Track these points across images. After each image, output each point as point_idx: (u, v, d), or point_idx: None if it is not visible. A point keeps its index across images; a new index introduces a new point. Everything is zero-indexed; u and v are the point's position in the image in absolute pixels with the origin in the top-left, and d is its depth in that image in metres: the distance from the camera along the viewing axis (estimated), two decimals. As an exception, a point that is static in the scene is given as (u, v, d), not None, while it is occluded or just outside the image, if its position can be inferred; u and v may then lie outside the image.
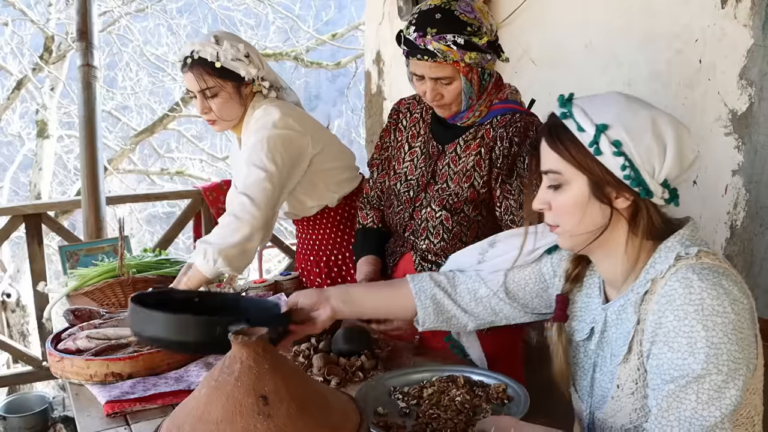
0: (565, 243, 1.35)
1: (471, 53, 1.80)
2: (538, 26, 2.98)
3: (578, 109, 1.26)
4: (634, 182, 1.22)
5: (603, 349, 1.37)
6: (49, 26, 9.51)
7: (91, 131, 3.87)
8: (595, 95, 1.31)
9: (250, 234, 2.12)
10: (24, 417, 3.68)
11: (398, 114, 2.16)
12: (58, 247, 3.01)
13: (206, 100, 2.26)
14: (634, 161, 1.21)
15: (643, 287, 1.26)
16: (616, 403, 1.32)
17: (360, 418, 1.28)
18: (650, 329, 1.22)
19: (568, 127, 1.26)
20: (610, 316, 1.35)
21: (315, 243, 2.52)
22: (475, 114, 1.93)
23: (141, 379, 1.82)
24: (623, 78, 2.56)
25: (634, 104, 1.26)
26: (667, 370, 1.18)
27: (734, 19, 2.12)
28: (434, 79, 1.85)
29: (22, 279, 7.96)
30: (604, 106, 1.26)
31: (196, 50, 2.22)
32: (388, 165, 2.19)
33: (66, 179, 11.49)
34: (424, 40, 1.79)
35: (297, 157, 2.26)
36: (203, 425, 1.16)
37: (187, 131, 11.31)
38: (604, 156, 1.22)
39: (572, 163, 1.26)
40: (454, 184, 1.94)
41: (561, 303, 1.43)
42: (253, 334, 1.23)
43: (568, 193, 1.28)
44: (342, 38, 10.68)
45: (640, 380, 1.27)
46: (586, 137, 1.23)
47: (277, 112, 2.24)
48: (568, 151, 1.26)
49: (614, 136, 1.22)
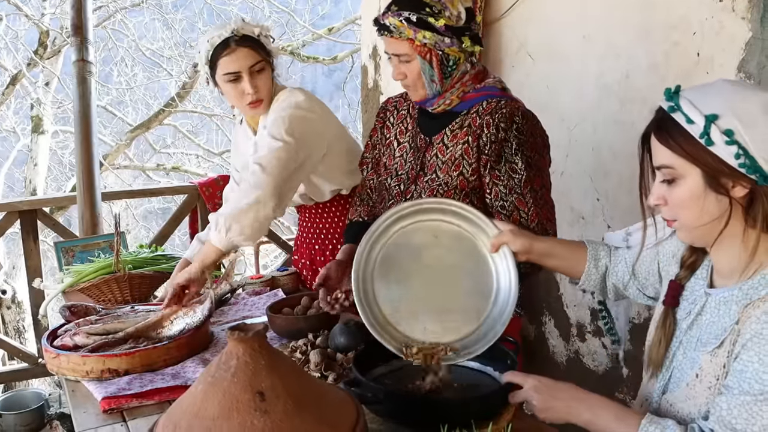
0: (685, 237, 1.34)
1: (425, 32, 1.83)
2: (536, 20, 2.97)
3: (686, 101, 1.24)
4: (750, 170, 1.19)
5: (692, 331, 1.35)
6: (44, 21, 9.47)
7: (86, 127, 3.85)
8: (703, 84, 1.29)
9: (262, 199, 2.06)
10: (20, 414, 3.67)
11: (385, 112, 2.19)
12: (54, 243, 3.00)
13: (254, 76, 2.26)
14: (748, 148, 1.19)
15: (756, 293, 1.24)
16: (691, 391, 1.30)
17: (357, 413, 1.28)
18: (747, 335, 1.21)
19: (677, 121, 1.24)
20: (711, 303, 1.33)
21: (321, 231, 2.52)
22: (446, 102, 1.94)
23: (137, 375, 1.82)
24: (621, 70, 2.56)
25: (744, 90, 1.24)
26: (748, 380, 1.17)
27: (732, 11, 2.11)
28: (396, 56, 1.91)
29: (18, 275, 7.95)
30: (712, 95, 1.23)
31: (238, 28, 2.23)
32: (377, 163, 2.18)
33: (61, 175, 11.47)
34: (384, 16, 1.87)
35: (316, 138, 2.27)
36: (200, 421, 1.15)
37: (183, 126, 11.29)
38: (716, 146, 1.20)
39: (685, 157, 1.24)
40: (443, 174, 1.94)
41: (673, 289, 1.41)
42: (249, 330, 1.22)
43: (684, 187, 1.26)
44: (338, 33, 10.66)
45: (721, 378, 1.26)
46: (696, 129, 1.21)
47: (302, 95, 2.29)
48: (680, 145, 1.24)
49: (725, 125, 1.19)
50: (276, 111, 2.26)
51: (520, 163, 1.86)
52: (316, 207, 2.50)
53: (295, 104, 2.25)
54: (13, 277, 8.09)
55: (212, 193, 4.01)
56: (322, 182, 2.41)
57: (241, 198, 2.09)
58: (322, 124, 2.31)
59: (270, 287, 2.54)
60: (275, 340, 2.07)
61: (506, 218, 1.87)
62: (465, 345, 1.61)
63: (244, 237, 2.06)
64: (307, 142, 2.22)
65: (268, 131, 2.20)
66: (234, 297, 2.44)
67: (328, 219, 2.50)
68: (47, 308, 2.57)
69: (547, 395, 1.36)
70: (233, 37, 2.23)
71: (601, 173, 2.72)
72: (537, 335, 3.20)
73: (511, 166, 1.87)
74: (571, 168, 2.83)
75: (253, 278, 2.57)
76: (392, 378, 1.67)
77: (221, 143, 11.73)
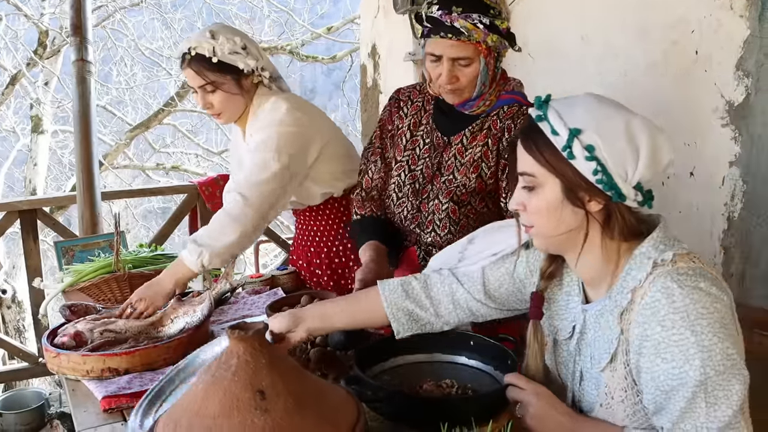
0: (540, 244, 1.36)
1: (493, 35, 1.80)
2: (535, 19, 2.97)
3: (553, 112, 1.25)
4: (607, 186, 1.22)
5: (582, 350, 1.37)
6: (43, 21, 9.47)
7: (85, 126, 3.85)
8: (571, 97, 1.30)
9: (245, 234, 2.12)
10: (20, 413, 3.68)
11: (399, 102, 2.13)
12: (54, 242, 3.00)
13: (207, 95, 2.25)
14: (607, 166, 1.21)
15: (624, 298, 1.26)
16: (607, 410, 1.32)
17: (357, 412, 1.28)
18: (636, 341, 1.22)
19: (543, 130, 1.26)
20: (589, 319, 1.35)
21: (316, 234, 2.51)
22: (486, 103, 1.93)
23: (138, 374, 1.82)
24: (619, 69, 2.56)
25: (609, 108, 1.26)
26: (665, 381, 1.18)
27: (730, 9, 2.12)
28: (452, 59, 1.84)
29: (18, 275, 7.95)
30: (579, 109, 1.25)
31: (193, 47, 2.21)
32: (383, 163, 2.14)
33: (61, 174, 11.47)
34: (450, 17, 1.79)
35: (305, 151, 2.26)
36: (200, 420, 1.16)
37: (182, 126, 11.29)
38: (576, 160, 1.22)
39: (545, 167, 1.25)
40: (461, 176, 1.93)
41: (536, 300, 1.42)
42: (249, 329, 1.23)
43: (542, 196, 1.27)
44: (337, 32, 10.66)
45: (629, 388, 1.27)
46: (559, 141, 1.23)
47: (285, 106, 2.24)
48: (542, 155, 1.25)
49: (587, 141, 1.21)
50: (262, 129, 2.24)
51: None
52: (310, 210, 2.48)
53: (279, 121, 2.21)
54: (13, 276, 8.09)
55: (212, 192, 4.01)
56: (312, 186, 2.39)
57: (222, 232, 2.10)
58: (309, 135, 2.27)
59: (270, 286, 2.54)
60: (275, 338, 2.07)
61: None
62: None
63: (221, 263, 2.13)
64: (296, 159, 2.22)
65: (255, 158, 2.18)
66: (234, 296, 2.44)
67: (322, 222, 2.49)
68: (47, 308, 2.57)
69: (546, 404, 1.35)
70: (185, 55, 2.22)
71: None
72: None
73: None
74: (570, 166, 2.83)
75: (252, 277, 2.57)
76: (392, 375, 1.67)
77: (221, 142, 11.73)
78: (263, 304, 2.33)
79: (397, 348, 1.73)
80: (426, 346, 1.74)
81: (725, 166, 2.18)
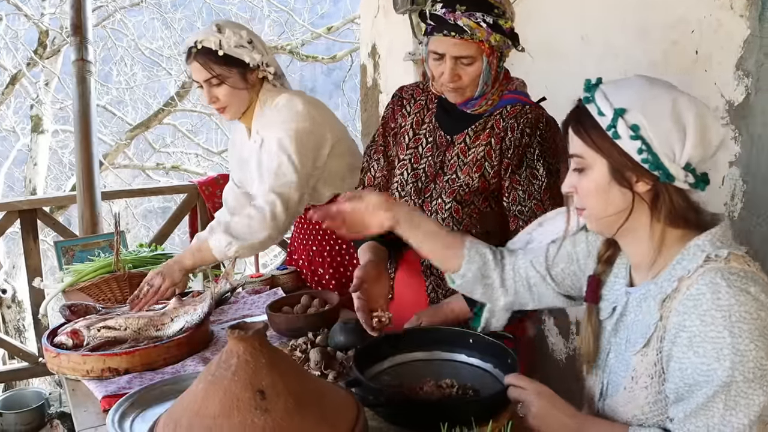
0: (592, 226, 1.36)
1: (496, 35, 1.80)
2: (534, 18, 2.97)
3: (600, 94, 1.26)
4: (653, 166, 1.22)
5: (619, 333, 1.37)
6: (44, 21, 9.47)
7: (86, 126, 3.85)
8: (620, 79, 1.31)
9: (275, 235, 2.19)
10: (20, 413, 3.68)
11: (401, 100, 2.12)
12: (54, 242, 3.00)
13: (212, 89, 2.27)
14: (652, 145, 1.21)
15: (670, 285, 1.25)
16: (629, 394, 1.32)
17: (357, 411, 1.28)
18: (672, 330, 1.22)
19: (590, 111, 1.27)
20: (631, 302, 1.35)
21: (318, 232, 2.51)
22: (488, 102, 1.93)
23: (138, 374, 1.82)
24: (619, 69, 2.56)
25: (657, 88, 1.26)
26: (691, 375, 1.18)
27: (730, 9, 2.12)
28: (455, 58, 1.83)
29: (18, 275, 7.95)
30: (626, 89, 1.26)
31: (200, 40, 2.23)
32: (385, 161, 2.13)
33: (61, 174, 11.47)
34: (453, 15, 1.79)
35: (319, 149, 2.29)
36: (200, 420, 1.16)
37: (182, 126, 11.29)
38: (622, 140, 1.23)
39: (593, 148, 1.27)
40: (464, 175, 1.93)
41: (593, 284, 1.43)
42: (250, 329, 1.23)
43: (591, 177, 1.29)
44: (337, 32, 10.66)
45: (656, 376, 1.27)
46: (605, 121, 1.24)
47: (300, 102, 2.27)
48: (589, 136, 1.27)
49: (632, 120, 1.22)
50: (278, 125, 2.25)
51: (541, 170, 1.86)
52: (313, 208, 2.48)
53: (297, 116, 2.24)
54: (13, 276, 8.09)
55: (212, 192, 4.01)
56: (322, 187, 2.41)
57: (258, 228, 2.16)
58: (323, 131, 2.30)
59: (270, 286, 2.54)
60: (275, 338, 2.07)
61: (523, 223, 1.86)
62: None
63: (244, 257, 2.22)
64: (311, 160, 2.27)
65: (277, 150, 2.22)
66: (234, 296, 2.44)
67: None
68: (47, 307, 2.57)
69: (548, 404, 1.35)
70: (192, 49, 2.24)
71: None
72: (536, 333, 3.21)
73: (532, 171, 1.87)
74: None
75: (252, 277, 2.57)
76: (392, 375, 1.67)
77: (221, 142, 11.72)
78: (263, 303, 2.33)
79: (396, 347, 1.73)
80: (425, 344, 1.75)
81: (725, 166, 2.17)
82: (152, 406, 1.62)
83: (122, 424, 1.52)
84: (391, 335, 1.78)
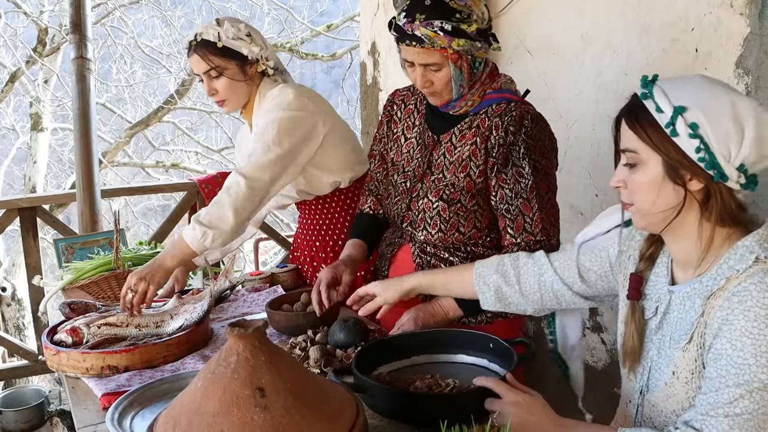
0: (639, 222, 1.36)
1: (459, 40, 1.79)
2: (534, 16, 2.97)
3: (659, 90, 1.27)
4: (708, 165, 1.22)
5: (663, 330, 1.37)
6: (43, 18, 9.45)
7: (85, 124, 3.85)
8: (679, 77, 1.32)
9: (243, 215, 2.13)
10: (20, 411, 3.67)
11: (393, 105, 2.16)
12: (54, 240, 3.00)
13: (212, 81, 2.29)
14: (710, 144, 1.22)
15: (716, 283, 1.25)
16: (670, 389, 1.32)
17: (357, 409, 1.28)
18: (716, 324, 1.22)
19: (647, 108, 1.27)
20: (675, 300, 1.35)
21: (322, 228, 2.51)
22: (468, 103, 1.93)
23: (137, 372, 1.82)
24: (619, 67, 2.56)
25: (716, 88, 1.26)
26: (725, 366, 1.18)
27: (730, 7, 2.11)
28: (423, 65, 1.85)
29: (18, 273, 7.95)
30: (685, 88, 1.26)
31: (199, 33, 2.27)
32: (382, 158, 2.19)
33: (61, 172, 11.47)
34: (412, 26, 1.79)
35: (308, 136, 2.28)
36: (200, 417, 1.16)
37: (182, 123, 11.29)
38: (680, 137, 1.23)
39: (648, 144, 1.26)
40: (450, 175, 1.94)
41: (635, 282, 1.43)
42: (249, 327, 1.23)
43: (644, 173, 1.29)
44: (337, 29, 10.65)
45: (696, 371, 1.28)
46: (663, 118, 1.24)
47: (292, 91, 2.28)
48: (645, 132, 1.27)
49: (691, 119, 1.22)
50: (267, 112, 2.26)
51: (527, 168, 1.85)
52: (316, 202, 2.49)
53: (286, 104, 2.25)
54: (13, 274, 8.08)
55: (211, 190, 4.00)
56: (320, 174, 2.41)
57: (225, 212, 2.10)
58: (314, 118, 2.30)
59: (269, 284, 2.54)
60: (274, 336, 2.07)
61: (510, 222, 1.88)
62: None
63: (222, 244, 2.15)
64: (297, 143, 2.24)
65: (259, 139, 2.21)
66: (233, 294, 2.44)
67: (329, 214, 2.49)
68: (47, 305, 2.57)
69: (525, 413, 1.35)
70: (192, 42, 2.27)
71: (600, 169, 2.73)
72: (537, 331, 3.21)
73: (518, 170, 1.87)
74: (569, 164, 2.83)
75: (252, 275, 2.57)
76: (392, 376, 1.67)
77: (220, 140, 11.73)
78: (263, 301, 2.33)
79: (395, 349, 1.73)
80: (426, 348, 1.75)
81: (725, 164, 2.18)
82: (152, 403, 1.62)
83: (122, 422, 1.52)
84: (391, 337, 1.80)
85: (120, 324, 1.98)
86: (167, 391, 1.65)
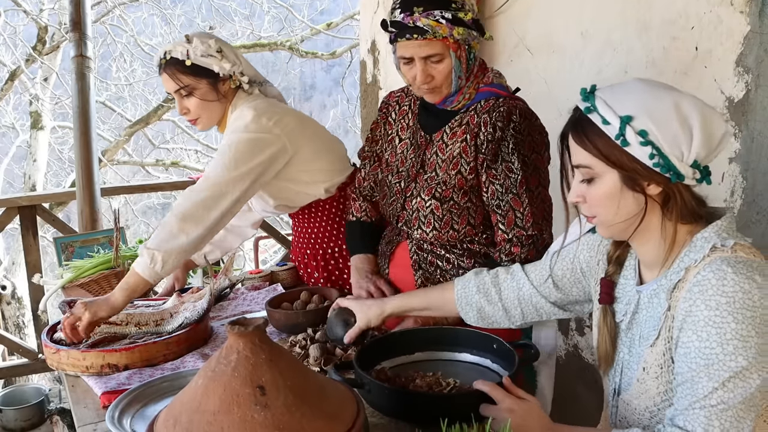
0: (605, 233, 1.37)
1: (459, 28, 1.81)
2: (534, 14, 2.97)
3: (601, 102, 1.26)
4: (664, 168, 1.23)
5: (633, 330, 1.38)
6: (42, 17, 9.45)
7: (85, 122, 3.85)
8: (617, 84, 1.31)
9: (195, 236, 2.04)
10: (20, 409, 3.68)
11: (388, 107, 2.17)
12: (53, 238, 3.01)
13: (183, 99, 2.24)
14: (662, 148, 1.22)
15: (677, 275, 1.27)
16: (641, 385, 1.33)
17: (357, 407, 1.28)
18: (680, 317, 1.23)
19: (593, 121, 1.27)
20: (643, 299, 1.36)
21: (311, 236, 2.49)
22: (465, 96, 1.94)
23: (137, 370, 1.82)
24: (619, 66, 2.56)
25: (656, 90, 1.27)
26: (694, 359, 1.19)
27: (731, 5, 2.11)
28: (424, 59, 1.85)
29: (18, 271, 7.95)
30: (627, 95, 1.26)
31: (168, 50, 2.22)
32: (378, 159, 2.20)
33: (61, 170, 11.47)
34: (412, 18, 1.80)
35: (267, 160, 2.19)
36: (201, 416, 1.16)
37: (181, 122, 11.27)
38: (631, 147, 1.23)
39: (601, 158, 1.27)
40: (442, 173, 1.94)
41: (605, 286, 1.45)
42: (249, 325, 1.23)
43: (601, 186, 1.29)
44: (337, 28, 10.65)
45: (665, 365, 1.29)
46: (611, 130, 1.24)
47: (251, 113, 2.19)
48: (596, 146, 1.27)
49: (640, 126, 1.22)
50: (227, 133, 2.21)
51: (516, 163, 1.86)
52: (302, 212, 2.44)
53: (243, 127, 2.17)
54: (13, 272, 8.09)
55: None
56: (295, 188, 2.36)
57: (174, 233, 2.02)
58: (274, 141, 2.20)
59: (269, 282, 2.54)
60: (274, 334, 2.07)
61: (502, 217, 1.88)
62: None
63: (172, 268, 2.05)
64: (254, 167, 2.15)
65: (216, 157, 2.15)
66: (233, 292, 2.44)
67: (315, 224, 2.45)
68: (47, 304, 2.57)
69: (520, 420, 1.36)
70: (162, 60, 2.22)
71: (600, 168, 2.72)
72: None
73: (507, 165, 1.87)
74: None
75: (252, 273, 2.58)
76: (394, 372, 1.67)
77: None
78: (262, 299, 2.33)
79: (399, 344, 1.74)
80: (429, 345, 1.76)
81: (725, 163, 2.17)
82: (152, 402, 1.62)
83: (122, 421, 1.52)
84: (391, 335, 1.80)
85: (120, 322, 1.98)
86: (167, 389, 1.65)
